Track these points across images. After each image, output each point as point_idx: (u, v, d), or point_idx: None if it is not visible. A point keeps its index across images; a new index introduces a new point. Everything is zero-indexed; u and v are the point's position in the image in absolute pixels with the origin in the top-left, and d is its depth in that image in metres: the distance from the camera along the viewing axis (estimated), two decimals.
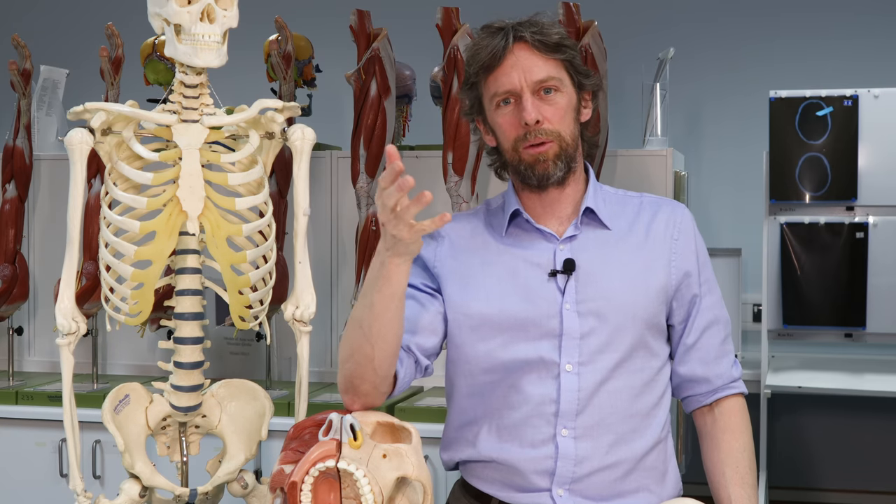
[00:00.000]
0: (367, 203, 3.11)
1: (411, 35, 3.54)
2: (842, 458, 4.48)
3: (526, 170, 1.74)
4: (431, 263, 1.81)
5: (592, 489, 1.71)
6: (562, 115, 1.73)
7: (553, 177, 1.74)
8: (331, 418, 1.53)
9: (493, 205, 1.87)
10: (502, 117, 1.75)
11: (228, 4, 1.77)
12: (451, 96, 2.99)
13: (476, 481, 1.78)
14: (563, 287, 1.73)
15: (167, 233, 1.80)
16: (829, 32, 4.44)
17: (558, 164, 1.73)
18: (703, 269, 1.82)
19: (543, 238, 1.77)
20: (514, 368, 1.72)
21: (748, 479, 1.77)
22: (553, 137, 1.72)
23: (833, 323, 3.78)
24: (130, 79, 3.32)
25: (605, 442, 1.71)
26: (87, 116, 1.80)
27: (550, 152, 1.72)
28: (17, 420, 3.17)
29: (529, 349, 1.71)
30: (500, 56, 1.72)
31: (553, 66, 1.73)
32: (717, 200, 4.47)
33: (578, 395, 1.70)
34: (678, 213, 1.83)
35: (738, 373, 1.84)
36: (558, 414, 1.70)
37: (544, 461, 1.70)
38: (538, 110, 1.71)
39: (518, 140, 1.73)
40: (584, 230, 1.78)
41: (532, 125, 1.71)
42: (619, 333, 1.72)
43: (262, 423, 1.93)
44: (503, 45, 1.72)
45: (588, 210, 1.78)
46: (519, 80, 1.71)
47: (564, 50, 1.74)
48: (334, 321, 3.39)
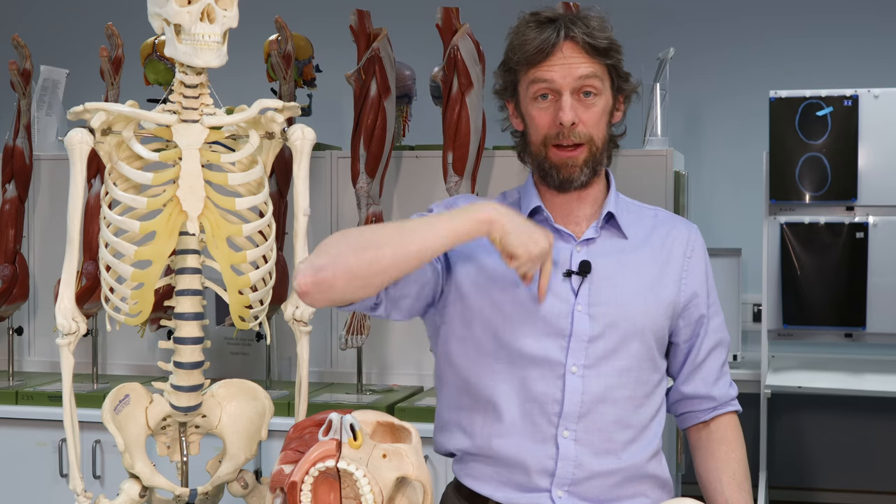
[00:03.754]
0: (367, 203, 3.11)
1: (411, 35, 3.54)
2: (842, 458, 4.48)
3: (550, 169, 1.72)
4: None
5: (591, 492, 1.70)
6: (597, 119, 1.71)
7: (577, 181, 1.72)
8: (331, 418, 1.53)
9: (509, 199, 1.85)
10: (537, 111, 1.72)
11: (228, 4, 1.77)
12: (451, 96, 2.99)
13: (470, 480, 1.76)
14: (577, 288, 1.72)
15: (167, 233, 1.80)
16: (829, 32, 4.44)
17: (584, 171, 1.72)
18: (711, 292, 1.83)
19: (561, 238, 1.76)
20: (518, 360, 1.71)
21: (745, 486, 1.78)
22: (585, 141, 1.70)
23: (833, 323, 3.78)
24: (130, 79, 3.32)
25: (604, 449, 1.70)
26: (87, 116, 1.79)
27: (580, 158, 1.71)
28: (17, 420, 3.17)
29: (537, 345, 1.70)
30: (549, 52, 1.68)
31: (598, 68, 1.70)
32: (717, 200, 4.47)
33: (583, 398, 1.69)
34: (693, 233, 1.83)
35: (735, 392, 1.86)
36: (561, 415, 1.70)
37: (545, 460, 1.70)
38: (575, 112, 1.69)
39: (549, 137, 1.71)
40: (603, 235, 1.76)
41: (567, 126, 1.69)
42: (626, 341, 1.71)
43: (262, 423, 1.93)
44: (553, 40, 1.68)
45: (609, 215, 1.77)
46: (562, 78, 1.68)
47: (612, 55, 1.72)
48: (334, 321, 3.39)
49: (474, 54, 3.02)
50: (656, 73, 3.46)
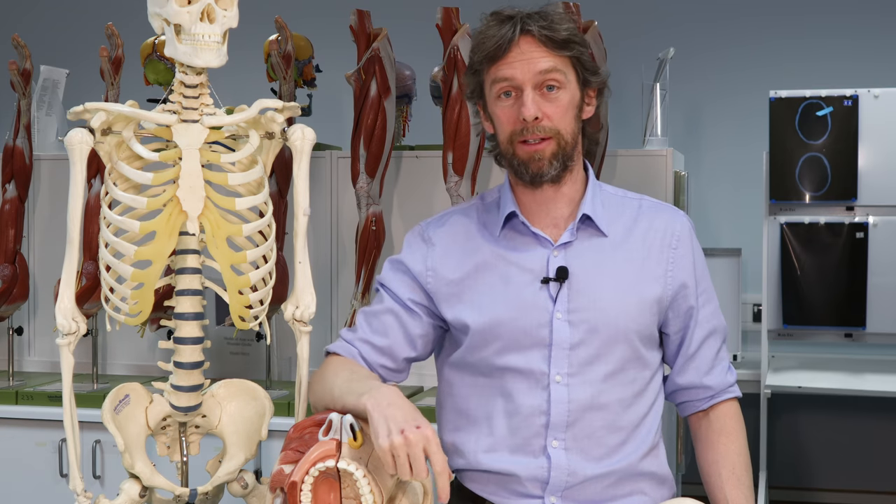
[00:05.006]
0: (367, 203, 3.11)
1: (411, 35, 3.54)
2: (842, 458, 4.48)
3: (519, 166, 1.71)
4: (423, 277, 1.79)
5: (585, 495, 1.70)
6: (562, 112, 1.69)
7: (547, 175, 1.70)
8: (331, 418, 1.53)
9: (487, 199, 1.84)
10: (501, 109, 1.71)
11: (228, 4, 1.77)
12: (451, 96, 2.99)
13: (471, 484, 1.78)
14: (556, 295, 1.70)
15: (167, 233, 1.80)
16: (829, 32, 4.44)
17: (553, 164, 1.70)
18: (701, 280, 1.79)
19: (538, 243, 1.74)
20: (504, 377, 1.71)
21: (744, 479, 1.77)
22: (551, 135, 1.68)
23: (833, 323, 3.78)
24: (130, 79, 3.32)
25: (595, 454, 1.70)
26: (87, 116, 1.79)
27: (547, 151, 1.69)
28: (17, 420, 3.17)
29: (520, 359, 1.70)
30: (506, 48, 1.67)
31: (559, 61, 1.68)
32: (717, 200, 4.47)
33: (569, 406, 1.68)
34: (677, 221, 1.79)
35: (734, 377, 1.84)
36: (548, 426, 1.69)
37: (537, 470, 1.70)
38: (538, 107, 1.67)
39: (514, 134, 1.70)
40: (580, 236, 1.74)
41: (530, 121, 1.67)
42: (610, 345, 1.70)
43: (262, 423, 1.93)
44: (510, 36, 1.67)
45: (585, 216, 1.75)
46: (522, 73, 1.67)
47: (572, 46, 1.69)
48: (334, 321, 3.39)
49: None
50: (656, 73, 3.46)
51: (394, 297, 1.80)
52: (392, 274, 1.83)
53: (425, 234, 1.84)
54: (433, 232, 1.83)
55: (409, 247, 1.84)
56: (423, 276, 1.79)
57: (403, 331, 1.78)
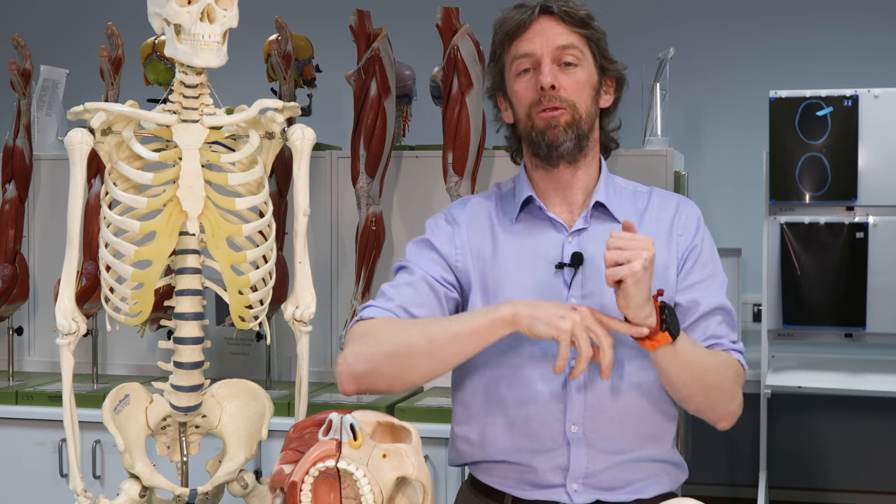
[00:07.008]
0: (367, 203, 3.11)
1: (411, 35, 3.54)
2: (842, 457, 4.49)
3: (537, 136, 1.73)
4: (452, 258, 1.80)
5: (606, 481, 1.71)
6: (579, 87, 1.74)
7: (563, 146, 1.72)
8: (331, 418, 1.53)
9: (503, 189, 1.87)
10: (519, 84, 1.75)
11: (228, 4, 1.77)
12: (451, 96, 2.99)
13: (487, 478, 1.78)
14: (570, 281, 1.72)
15: (167, 233, 1.80)
16: (829, 32, 4.44)
17: (569, 133, 1.72)
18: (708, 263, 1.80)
19: (553, 228, 1.77)
20: (521, 364, 1.72)
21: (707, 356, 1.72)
22: (567, 106, 1.72)
23: (833, 323, 3.78)
24: (130, 79, 3.32)
25: (615, 437, 1.71)
26: (87, 116, 1.79)
27: (562, 119, 1.72)
28: (17, 420, 3.18)
29: (535, 345, 1.71)
30: (525, 25, 1.73)
31: (577, 39, 1.74)
32: (716, 200, 4.47)
33: (586, 392, 1.70)
34: (684, 209, 1.83)
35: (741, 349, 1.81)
36: (566, 410, 1.70)
37: (557, 458, 1.70)
38: (555, 77, 1.71)
39: (532, 105, 1.73)
40: (594, 223, 1.77)
41: (547, 89, 1.71)
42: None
43: (262, 423, 1.93)
44: (529, 14, 1.74)
45: (598, 204, 1.78)
46: (540, 47, 1.72)
47: (589, 26, 1.75)
48: (334, 321, 3.39)
49: (474, 54, 3.02)
50: (656, 73, 3.46)
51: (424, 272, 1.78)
52: (420, 251, 1.81)
53: (449, 216, 1.85)
54: (457, 213, 1.85)
55: (434, 230, 1.84)
56: (453, 257, 1.80)
57: (438, 302, 1.77)
